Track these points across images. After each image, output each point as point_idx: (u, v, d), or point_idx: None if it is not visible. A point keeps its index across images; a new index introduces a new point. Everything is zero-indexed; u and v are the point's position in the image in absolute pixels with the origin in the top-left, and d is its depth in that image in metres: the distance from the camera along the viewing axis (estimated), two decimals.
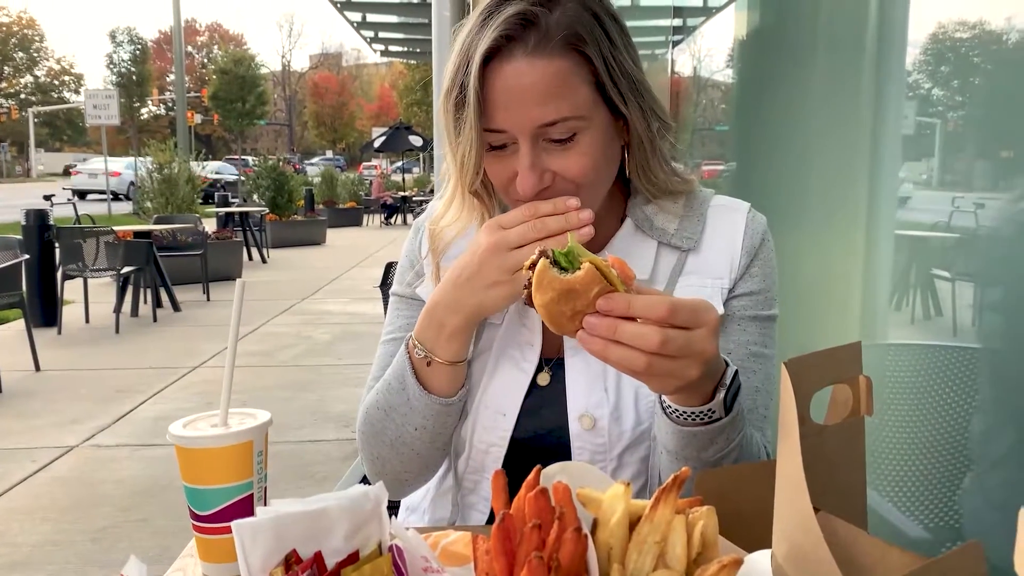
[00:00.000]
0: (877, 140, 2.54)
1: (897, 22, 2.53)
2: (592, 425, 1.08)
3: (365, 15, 12.79)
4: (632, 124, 1.06)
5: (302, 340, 7.44)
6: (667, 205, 1.15)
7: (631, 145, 1.10)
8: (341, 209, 20.73)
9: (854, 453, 0.77)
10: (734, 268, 1.13)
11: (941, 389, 1.70)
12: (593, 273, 0.76)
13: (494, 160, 1.04)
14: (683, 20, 4.66)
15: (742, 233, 1.14)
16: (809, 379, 0.69)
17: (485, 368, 1.14)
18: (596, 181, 1.06)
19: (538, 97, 0.97)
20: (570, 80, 0.99)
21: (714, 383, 0.89)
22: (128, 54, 62.96)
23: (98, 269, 7.82)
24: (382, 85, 76.16)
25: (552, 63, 0.97)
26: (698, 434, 0.91)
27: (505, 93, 0.98)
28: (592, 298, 0.78)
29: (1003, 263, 1.72)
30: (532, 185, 1.00)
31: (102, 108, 20.79)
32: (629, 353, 0.79)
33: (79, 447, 4.62)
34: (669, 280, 1.13)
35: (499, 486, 0.70)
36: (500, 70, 0.98)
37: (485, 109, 0.99)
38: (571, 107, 0.99)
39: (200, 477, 0.93)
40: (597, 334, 0.79)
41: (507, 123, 0.99)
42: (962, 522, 1.53)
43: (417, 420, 1.09)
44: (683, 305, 0.80)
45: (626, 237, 1.15)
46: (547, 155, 1.01)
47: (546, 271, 0.78)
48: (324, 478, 4.08)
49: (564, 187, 1.03)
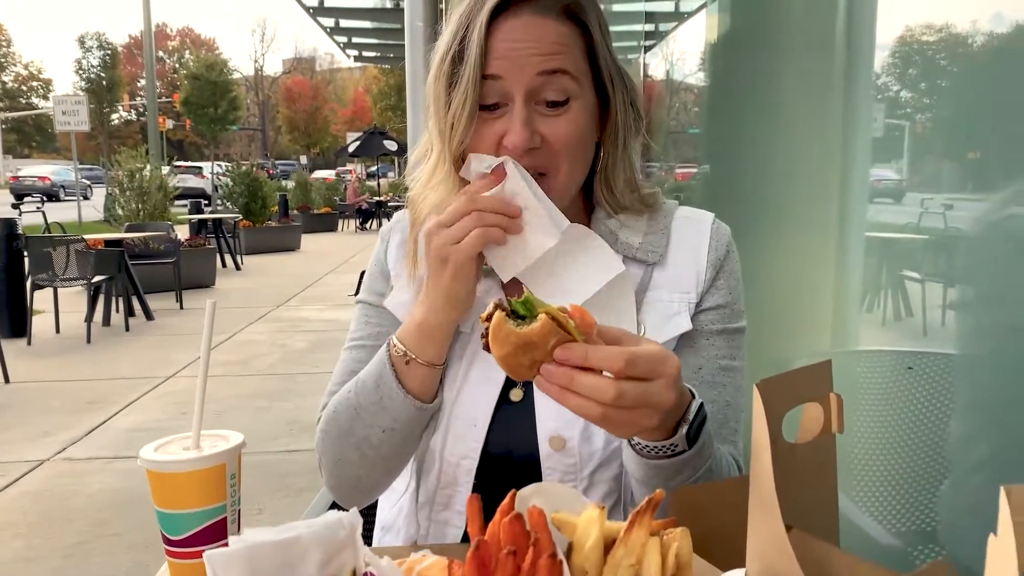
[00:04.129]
0: (847, 143, 2.57)
1: (865, 26, 2.56)
2: (562, 446, 1.07)
3: (338, 20, 12.75)
4: (613, 112, 1.10)
5: (277, 348, 7.38)
6: (630, 220, 1.16)
7: (604, 141, 1.13)
8: (316, 214, 20.61)
9: (826, 470, 0.78)
10: (700, 282, 1.13)
11: (912, 395, 1.72)
12: (549, 325, 0.76)
13: (482, 123, 1.05)
14: (655, 25, 4.69)
15: (707, 246, 1.15)
16: (780, 399, 0.70)
17: (456, 379, 1.13)
18: (577, 161, 1.08)
19: (541, 49, 1.02)
20: (570, 42, 1.05)
21: (677, 418, 0.88)
22: (97, 59, 62.24)
23: (68, 278, 7.71)
24: (356, 90, 75.88)
25: (557, 24, 1.04)
26: (664, 466, 0.91)
27: (509, 43, 1.02)
28: (549, 349, 0.77)
29: (972, 264, 1.74)
30: (524, 140, 1.02)
31: (71, 114, 20.50)
32: (585, 403, 0.78)
33: (50, 460, 4.55)
34: (635, 295, 1.12)
35: (475, 510, 0.70)
36: (506, 23, 1.03)
37: (486, 60, 1.02)
38: (570, 64, 1.04)
39: (172, 501, 0.92)
40: (554, 382, 0.79)
41: (507, 71, 1.02)
42: (935, 527, 1.54)
43: (387, 421, 1.08)
44: (641, 356, 0.79)
45: None
46: (538, 118, 1.04)
47: (502, 324, 0.77)
48: (301, 489, 4.05)
49: (549, 157, 1.05)
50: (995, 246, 1.57)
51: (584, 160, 1.10)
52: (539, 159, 1.05)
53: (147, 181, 11.69)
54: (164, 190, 11.93)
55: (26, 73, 69.13)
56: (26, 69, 69.44)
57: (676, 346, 1.11)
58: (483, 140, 1.06)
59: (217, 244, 12.60)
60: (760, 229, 2.73)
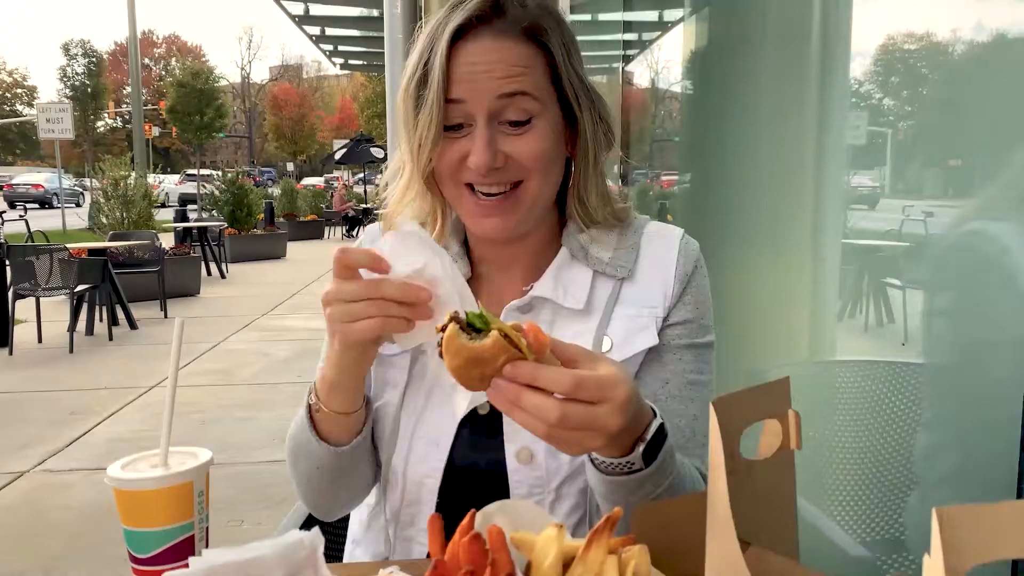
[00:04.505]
0: (823, 151, 2.60)
1: (841, 35, 2.60)
2: (530, 459, 1.08)
3: (324, 29, 12.74)
4: (581, 129, 1.11)
5: (261, 357, 7.35)
6: (602, 233, 1.17)
7: (576, 158, 1.14)
8: (302, 222, 20.57)
9: (784, 486, 0.79)
10: (668, 296, 1.14)
11: (887, 406, 1.73)
12: (500, 343, 0.76)
13: (448, 143, 1.07)
14: (639, 35, 4.73)
15: (675, 261, 1.16)
16: (736, 417, 0.71)
17: (418, 398, 1.14)
18: (545, 176, 1.09)
19: (500, 71, 1.03)
20: (531, 63, 1.06)
21: (634, 437, 0.88)
22: (82, 67, 61.95)
23: (51, 287, 7.66)
24: (343, 97, 75.84)
25: (517, 46, 1.05)
26: (623, 482, 0.91)
27: (470, 67, 1.04)
28: (499, 365, 0.77)
29: (951, 272, 1.76)
30: (486, 161, 1.03)
31: (55, 122, 20.37)
32: (531, 420, 0.78)
33: (30, 472, 4.51)
34: (605, 309, 1.13)
35: (435, 530, 0.71)
36: (466, 47, 1.05)
37: (449, 84, 1.04)
38: (530, 85, 1.05)
39: (139, 519, 0.91)
40: (502, 398, 0.79)
41: (468, 94, 1.04)
42: (905, 537, 1.56)
43: (315, 461, 1.10)
44: (589, 380, 0.78)
45: (562, 265, 1.16)
46: (502, 138, 1.06)
47: (455, 337, 0.77)
48: (283, 500, 4.03)
49: (516, 172, 1.06)
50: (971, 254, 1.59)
51: (554, 175, 1.11)
52: (505, 176, 1.07)
53: (132, 189, 11.64)
54: (149, 198, 11.88)
55: (10, 80, 68.80)
56: (10, 76, 69.12)
57: (644, 360, 1.12)
58: (449, 160, 1.08)
59: (202, 252, 12.55)
60: (738, 237, 2.75)
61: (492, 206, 1.07)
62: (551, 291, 1.13)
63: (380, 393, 1.18)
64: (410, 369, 1.15)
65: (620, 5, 4.28)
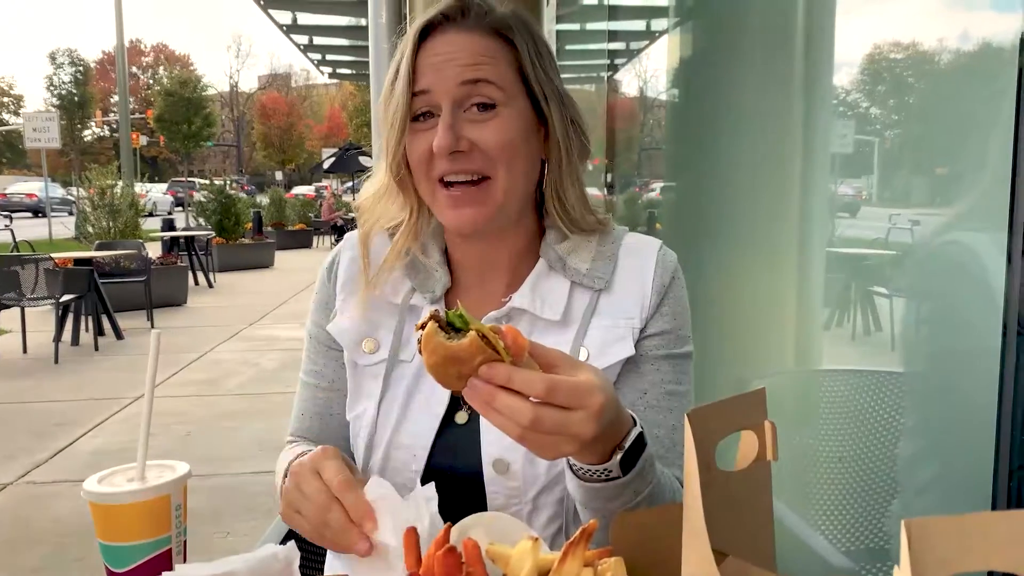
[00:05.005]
0: (808, 159, 2.62)
1: (824, 45, 2.62)
2: (506, 469, 1.08)
3: (312, 38, 12.74)
4: (551, 127, 1.13)
5: (249, 367, 7.32)
6: (581, 244, 1.18)
7: (549, 160, 1.16)
8: (290, 231, 20.53)
9: (760, 497, 0.79)
10: (645, 307, 1.14)
11: (870, 415, 1.74)
12: (477, 343, 0.77)
13: (416, 136, 1.09)
14: (626, 44, 4.75)
15: (652, 272, 1.16)
16: (712, 428, 0.71)
17: (394, 409, 1.14)
18: (513, 167, 1.09)
19: (464, 60, 1.07)
20: (496, 56, 1.09)
21: (611, 445, 0.88)
22: (69, 76, 61.71)
23: (36, 297, 7.61)
24: (332, 106, 75.78)
25: (483, 39, 1.09)
26: (601, 489, 0.91)
27: (435, 57, 1.08)
28: (476, 365, 0.78)
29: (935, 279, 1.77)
30: (448, 144, 1.05)
31: (42, 131, 20.28)
32: (505, 421, 0.79)
33: (13, 484, 4.47)
34: (582, 320, 1.14)
35: (410, 543, 0.70)
36: (433, 42, 1.09)
37: (415, 77, 1.08)
38: (494, 75, 1.08)
39: (116, 534, 0.91)
40: (477, 398, 0.79)
41: (432, 83, 1.07)
42: (887, 546, 1.56)
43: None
44: (563, 385, 0.79)
45: (540, 276, 1.16)
46: (467, 124, 1.08)
47: (433, 335, 0.78)
48: (270, 511, 4.00)
49: (482, 161, 1.07)
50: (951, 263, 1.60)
51: (523, 168, 1.12)
52: (472, 163, 1.08)
53: (118, 198, 11.59)
54: (135, 207, 11.82)
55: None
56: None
57: (621, 371, 1.13)
58: (419, 152, 1.10)
59: (189, 262, 12.49)
60: (724, 246, 2.76)
61: (463, 197, 1.09)
62: (528, 302, 1.14)
63: (355, 403, 1.18)
64: (385, 378, 1.15)
65: (605, 15, 4.30)
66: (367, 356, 1.17)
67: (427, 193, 1.13)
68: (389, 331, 1.18)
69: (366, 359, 1.17)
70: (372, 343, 1.17)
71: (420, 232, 1.19)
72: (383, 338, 1.17)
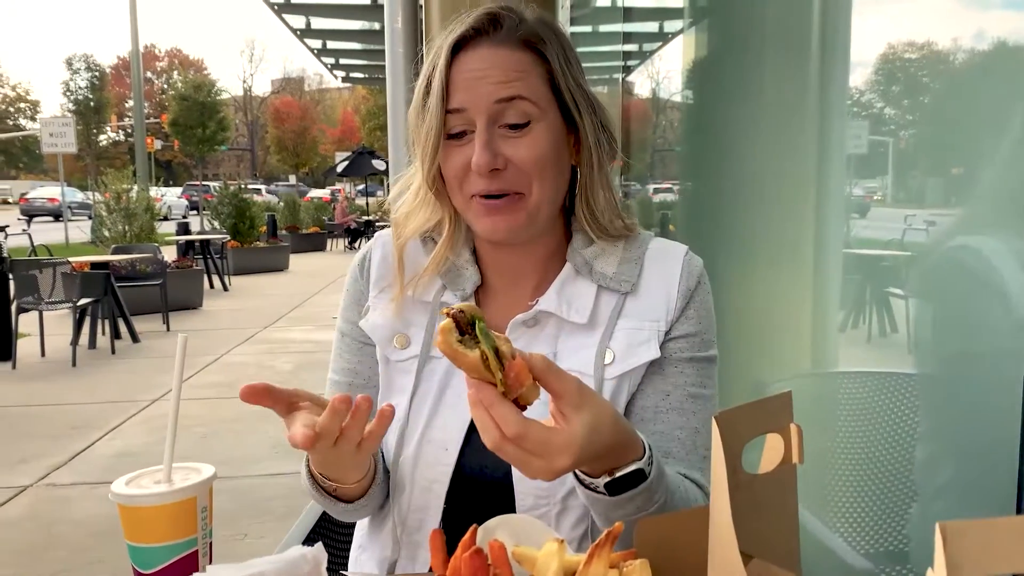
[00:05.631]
0: (823, 160, 2.61)
1: (839, 45, 2.61)
2: None
3: (325, 42, 12.81)
4: (583, 135, 1.13)
5: (264, 370, 7.35)
6: (607, 249, 1.18)
7: (580, 165, 1.16)
8: (304, 234, 20.62)
9: (786, 500, 0.79)
10: (670, 311, 1.15)
11: (889, 416, 1.73)
12: (477, 364, 0.79)
13: (451, 151, 1.10)
14: (639, 45, 4.75)
15: (678, 276, 1.17)
16: (739, 432, 0.71)
17: (426, 403, 1.15)
18: (547, 180, 1.10)
19: (497, 77, 1.07)
20: (529, 70, 1.09)
21: (610, 467, 0.90)
22: (85, 81, 62.29)
23: (54, 301, 7.67)
24: (344, 110, 76.08)
25: (514, 53, 1.09)
26: (598, 500, 0.93)
27: (468, 75, 1.08)
28: (471, 378, 0.81)
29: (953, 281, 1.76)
30: (486, 162, 1.06)
31: (59, 136, 20.50)
32: (482, 432, 0.82)
33: (33, 487, 4.51)
34: (608, 323, 1.15)
35: (437, 545, 0.71)
36: (466, 57, 1.09)
37: (449, 93, 1.08)
38: (528, 90, 1.08)
39: (143, 535, 0.92)
40: (472, 396, 0.82)
41: (467, 102, 1.07)
42: (908, 549, 1.55)
43: (327, 506, 1.13)
44: (533, 437, 0.80)
45: (567, 280, 1.17)
46: (502, 141, 1.08)
47: (447, 332, 0.80)
48: (285, 514, 4.03)
49: (517, 178, 1.09)
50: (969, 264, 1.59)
51: (556, 181, 1.13)
52: (507, 181, 1.09)
53: (134, 202, 11.68)
54: (151, 211, 11.91)
55: (13, 95, 69.08)
56: (13, 91, 69.41)
57: (646, 373, 1.14)
58: (454, 168, 1.10)
59: (205, 265, 12.56)
60: (739, 248, 2.76)
61: (497, 207, 1.10)
62: (555, 306, 1.15)
63: (387, 398, 1.19)
64: (417, 374, 1.17)
65: (620, 16, 4.30)
66: (399, 352, 1.19)
67: (461, 204, 1.14)
68: (420, 328, 1.19)
69: (398, 355, 1.19)
70: (403, 339, 1.19)
71: (457, 241, 1.21)
72: (414, 335, 1.19)
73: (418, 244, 1.23)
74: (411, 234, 1.21)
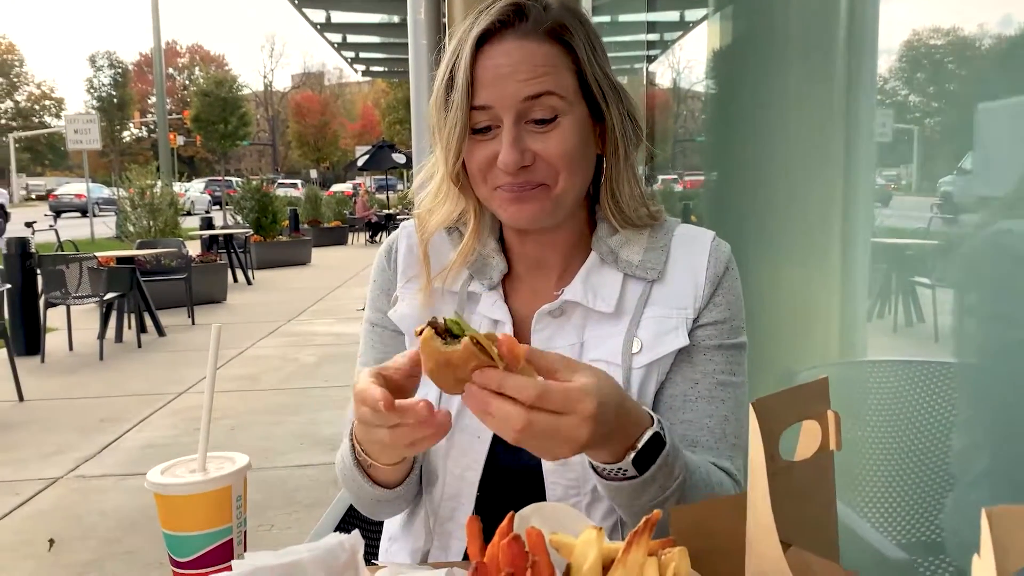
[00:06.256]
0: (851, 149, 2.58)
1: (867, 31, 2.57)
2: (566, 461, 1.08)
3: (345, 36, 12.82)
4: (609, 125, 1.12)
5: (288, 363, 7.40)
6: (632, 237, 1.17)
7: (606, 154, 1.15)
8: (326, 228, 20.72)
9: (824, 487, 0.78)
10: (698, 298, 1.14)
11: (920, 405, 1.71)
12: (470, 350, 0.78)
13: (475, 145, 1.09)
14: (660, 35, 4.71)
15: (706, 263, 1.16)
16: (776, 418, 0.70)
17: None
18: (574, 173, 1.09)
19: (525, 73, 1.05)
20: (556, 63, 1.07)
21: (624, 444, 0.90)
22: (108, 78, 62.87)
23: (81, 296, 7.76)
24: (365, 104, 76.28)
25: (541, 47, 1.06)
26: (621, 488, 0.92)
27: (494, 70, 1.05)
28: (470, 371, 0.80)
29: (981, 270, 1.74)
30: (514, 160, 1.04)
31: (83, 133, 20.68)
32: (501, 426, 0.80)
33: (64, 478, 4.57)
34: (635, 311, 1.14)
35: (474, 532, 0.71)
36: (491, 51, 1.06)
37: (474, 88, 1.06)
38: (555, 85, 1.06)
39: (179, 524, 0.93)
40: (473, 403, 0.81)
41: (493, 99, 1.05)
42: (943, 539, 1.54)
43: (365, 494, 1.11)
44: (554, 391, 0.80)
45: (592, 269, 1.17)
46: (528, 136, 1.07)
47: (429, 340, 0.80)
48: (312, 504, 4.06)
49: (544, 171, 1.07)
50: (1001, 251, 1.57)
51: (582, 171, 1.12)
52: (535, 175, 1.08)
53: (158, 198, 11.79)
54: (175, 206, 12.02)
55: (39, 92, 69.90)
56: (39, 88, 70.23)
57: (674, 361, 1.13)
58: (479, 162, 1.09)
59: (228, 259, 12.67)
60: (764, 237, 2.74)
61: (522, 196, 1.08)
62: (581, 295, 1.14)
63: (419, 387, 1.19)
64: None
65: (644, 5, 4.26)
66: None
67: (485, 196, 1.13)
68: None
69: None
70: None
71: (482, 232, 1.19)
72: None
73: (443, 235, 1.23)
74: (435, 228, 1.20)
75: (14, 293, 7.42)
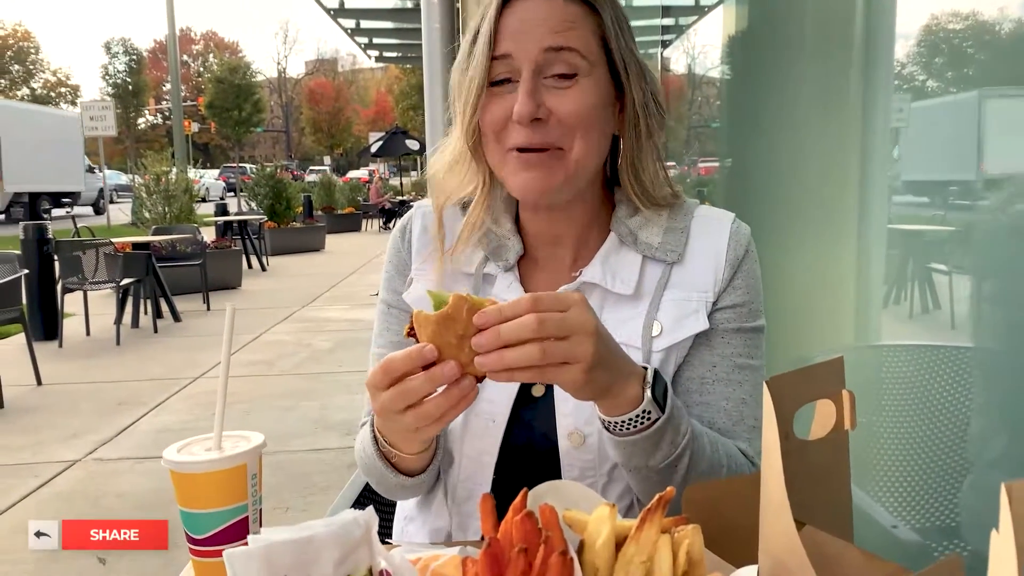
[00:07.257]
0: (867, 134, 2.55)
1: (885, 15, 2.54)
2: (582, 442, 1.08)
3: (359, 21, 12.80)
4: (630, 100, 1.10)
5: (302, 348, 7.45)
6: (652, 217, 1.16)
7: (624, 131, 1.14)
8: (340, 215, 20.77)
9: (839, 466, 0.78)
10: (718, 281, 1.13)
11: (935, 390, 1.70)
12: (460, 299, 0.82)
13: (492, 100, 1.08)
14: (675, 19, 4.68)
15: (726, 245, 1.15)
16: (790, 397, 0.70)
17: None
18: (588, 138, 1.07)
19: (549, 26, 1.05)
20: (581, 23, 1.06)
21: (637, 385, 0.92)
22: (123, 65, 63.13)
23: (98, 281, 7.83)
24: (378, 90, 76.19)
25: (567, 4, 1.06)
26: (639, 442, 0.93)
27: (518, 23, 1.06)
28: (467, 317, 0.82)
29: (997, 257, 1.72)
30: (529, 112, 1.03)
31: (98, 119, 20.78)
32: (520, 351, 0.81)
33: (82, 461, 4.63)
34: (655, 294, 1.13)
35: (487, 509, 0.71)
36: (516, 5, 1.07)
37: (496, 40, 1.06)
38: (578, 42, 1.05)
39: (195, 501, 0.93)
40: (487, 348, 0.82)
41: (513, 48, 1.05)
42: (957, 523, 1.53)
43: (386, 481, 1.11)
44: (544, 295, 0.84)
45: (611, 250, 1.15)
46: (546, 91, 1.06)
47: (419, 314, 0.84)
48: (326, 487, 4.09)
49: (558, 132, 1.06)
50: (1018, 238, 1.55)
51: (598, 141, 1.10)
52: (549, 134, 1.06)
53: (173, 184, 11.85)
54: (190, 193, 12.07)
55: (54, 79, 70.20)
56: (54, 75, 70.49)
57: (693, 344, 1.12)
58: (493, 117, 1.08)
59: (243, 245, 12.73)
60: (781, 223, 2.72)
61: (533, 161, 1.07)
62: (600, 276, 1.13)
63: None
64: None
65: None
66: None
67: (497, 161, 1.11)
68: None
69: None
70: None
71: (492, 204, 1.18)
72: None
73: (456, 211, 1.22)
74: (451, 192, 1.19)
75: (32, 279, 7.49)
